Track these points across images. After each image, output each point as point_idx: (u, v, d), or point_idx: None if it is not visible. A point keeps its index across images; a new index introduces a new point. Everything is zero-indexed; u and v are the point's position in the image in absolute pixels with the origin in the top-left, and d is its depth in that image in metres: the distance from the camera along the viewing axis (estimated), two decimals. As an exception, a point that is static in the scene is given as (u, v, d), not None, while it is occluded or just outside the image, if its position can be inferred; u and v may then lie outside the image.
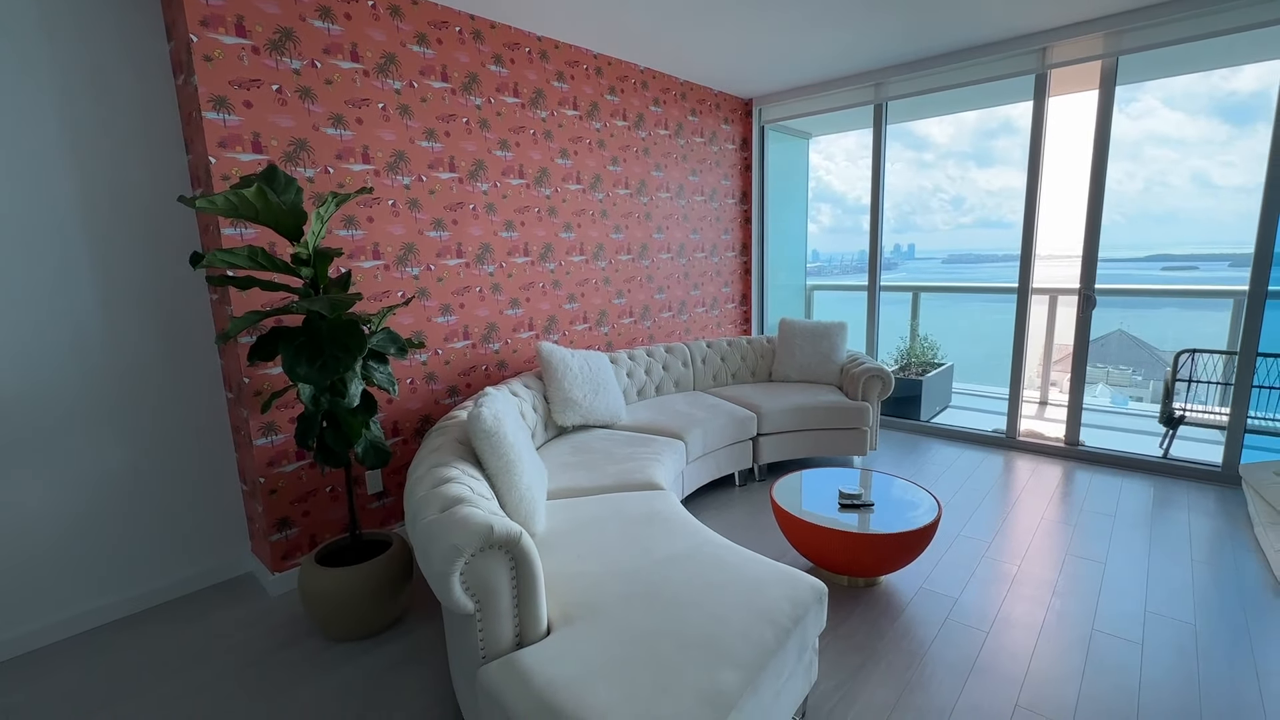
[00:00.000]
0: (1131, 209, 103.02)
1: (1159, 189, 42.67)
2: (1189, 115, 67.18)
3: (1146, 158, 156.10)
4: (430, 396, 2.95)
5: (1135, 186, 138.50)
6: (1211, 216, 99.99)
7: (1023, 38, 3.51)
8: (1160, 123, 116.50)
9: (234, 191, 1.69)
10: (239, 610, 2.36)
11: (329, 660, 2.04)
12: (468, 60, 2.93)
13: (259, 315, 1.90)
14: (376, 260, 2.68)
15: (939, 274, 43.39)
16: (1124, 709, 1.73)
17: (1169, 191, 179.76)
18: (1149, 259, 48.17)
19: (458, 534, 1.35)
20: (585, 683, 1.27)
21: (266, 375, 2.38)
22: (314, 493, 2.56)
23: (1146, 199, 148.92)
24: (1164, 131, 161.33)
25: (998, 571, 2.48)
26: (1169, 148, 42.51)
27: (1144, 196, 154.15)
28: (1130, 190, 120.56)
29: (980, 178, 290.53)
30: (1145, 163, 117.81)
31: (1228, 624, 2.10)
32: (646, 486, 2.38)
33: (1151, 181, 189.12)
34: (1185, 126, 47.02)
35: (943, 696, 1.80)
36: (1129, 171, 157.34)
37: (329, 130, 2.49)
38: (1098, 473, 3.51)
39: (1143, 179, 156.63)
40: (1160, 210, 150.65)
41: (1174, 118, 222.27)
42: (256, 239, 2.30)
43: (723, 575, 1.65)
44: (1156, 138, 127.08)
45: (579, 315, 3.68)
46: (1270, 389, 3.16)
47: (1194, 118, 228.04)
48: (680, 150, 4.24)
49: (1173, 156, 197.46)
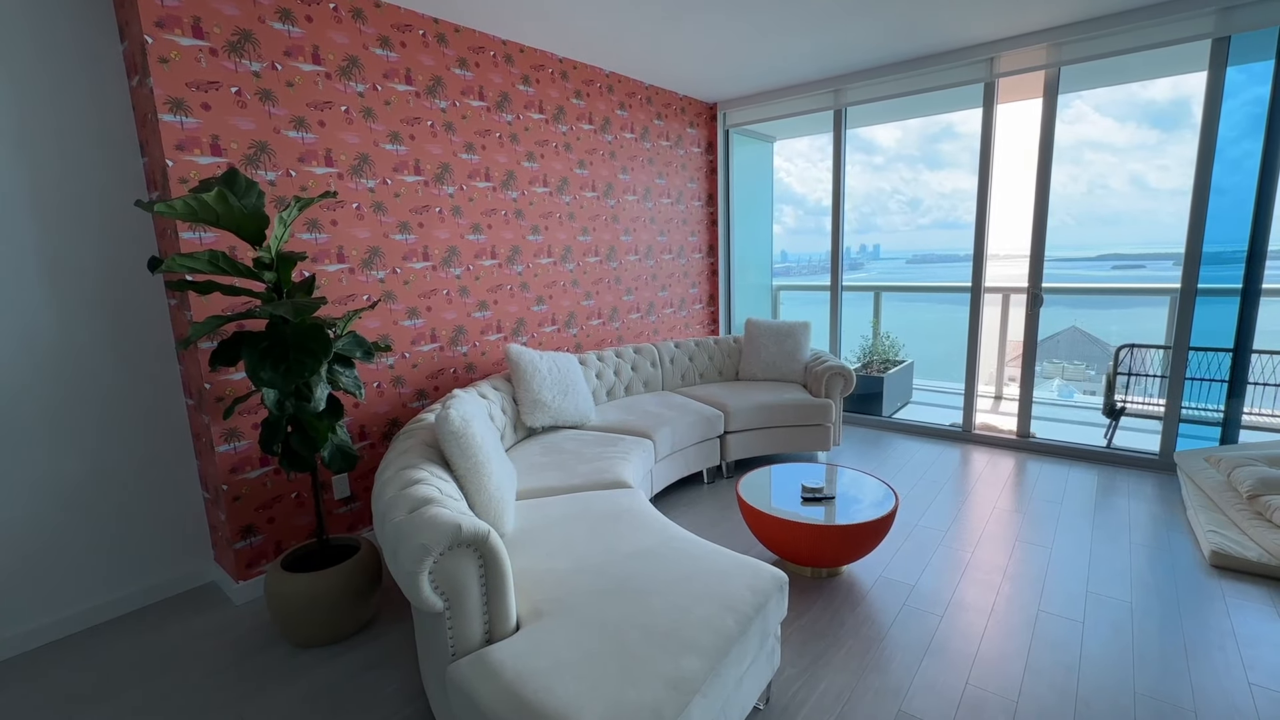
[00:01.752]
0: (1078, 210, 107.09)
1: (1101, 191, 44.56)
2: (1117, 122, 69.80)
3: (1086, 161, 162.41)
4: (398, 400, 2.94)
5: (1079, 189, 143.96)
6: (1153, 218, 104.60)
7: (973, 48, 3.67)
8: (1092, 128, 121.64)
9: (194, 196, 1.68)
10: (203, 619, 2.33)
11: (297, 666, 2.03)
12: (432, 63, 2.94)
13: (220, 320, 1.89)
14: (341, 264, 2.67)
15: (903, 274, 44.48)
16: (1065, 682, 1.84)
17: (1110, 194, 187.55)
18: (1099, 259, 50.19)
19: (426, 533, 1.37)
20: (554, 675, 1.30)
21: (228, 381, 2.35)
22: (279, 499, 2.53)
23: (1091, 201, 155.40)
24: (1096, 137, 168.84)
25: (952, 559, 2.59)
26: (1106, 152, 44.05)
27: (1088, 199, 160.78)
28: (1075, 192, 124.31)
29: (933, 180, 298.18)
30: (1086, 166, 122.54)
31: (1160, 600, 2.25)
32: (615, 485, 2.42)
33: (1094, 184, 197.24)
34: (1114, 132, 48.60)
35: (899, 677, 1.88)
36: (1072, 175, 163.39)
37: (290, 133, 2.47)
38: (1047, 463, 3.69)
39: (1085, 182, 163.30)
40: (1106, 212, 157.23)
41: (1104, 123, 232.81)
42: (216, 243, 2.27)
43: (688, 568, 1.71)
44: (1091, 143, 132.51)
45: (547, 317, 3.70)
46: (1202, 380, 3.37)
47: (1122, 124, 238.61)
48: (647, 153, 4.30)
49: (1111, 160, 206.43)
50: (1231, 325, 3.25)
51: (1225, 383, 3.31)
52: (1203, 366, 3.37)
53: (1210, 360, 3.34)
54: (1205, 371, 3.37)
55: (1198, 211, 3.21)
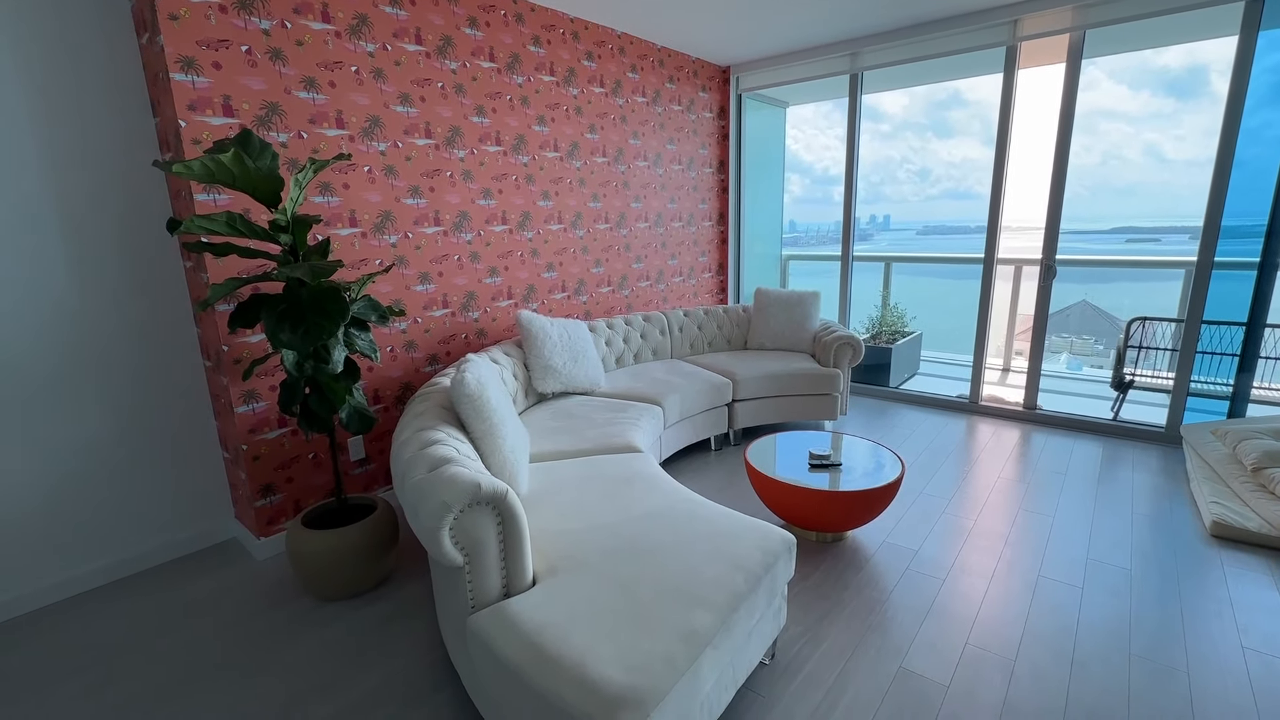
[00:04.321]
0: (1092, 181, 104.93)
1: (1115, 162, 42.92)
2: (1131, 89, 67.07)
3: (1101, 130, 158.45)
4: (411, 364, 2.97)
5: (1093, 160, 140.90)
6: (1168, 190, 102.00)
7: (996, 9, 3.56)
8: (1105, 96, 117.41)
9: (210, 157, 1.68)
10: (227, 573, 2.41)
11: (320, 618, 2.11)
12: (441, 23, 2.88)
13: (239, 282, 1.91)
14: (353, 228, 2.67)
15: (914, 245, 43.90)
16: (1062, 644, 1.90)
17: (1125, 165, 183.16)
18: (1113, 231, 49.31)
19: (447, 491, 1.41)
20: (569, 626, 1.36)
21: (246, 343, 2.38)
22: (297, 459, 2.59)
23: (1105, 171, 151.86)
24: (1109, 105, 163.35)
25: (955, 526, 2.64)
26: (1121, 121, 42.46)
27: (1103, 169, 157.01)
28: (1088, 163, 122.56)
29: (942, 149, 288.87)
30: (1100, 135, 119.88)
31: (1158, 568, 2.29)
32: (625, 449, 2.46)
33: (1108, 155, 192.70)
34: (1128, 100, 46.76)
35: (900, 637, 1.94)
36: (1086, 145, 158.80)
37: (301, 94, 2.45)
38: (1053, 435, 3.71)
39: (1100, 152, 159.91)
40: (1120, 183, 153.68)
41: (1118, 91, 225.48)
42: (230, 205, 2.28)
43: (699, 529, 1.75)
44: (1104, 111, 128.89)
45: (557, 284, 3.70)
46: (1212, 354, 3.36)
47: (1136, 92, 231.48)
48: (658, 118, 4.23)
49: (1126, 130, 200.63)
50: (1246, 299, 3.22)
51: (1236, 356, 3.30)
52: (1214, 340, 3.35)
53: (1222, 334, 3.32)
54: (1216, 346, 3.35)
55: (1219, 182, 3.16)
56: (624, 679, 1.21)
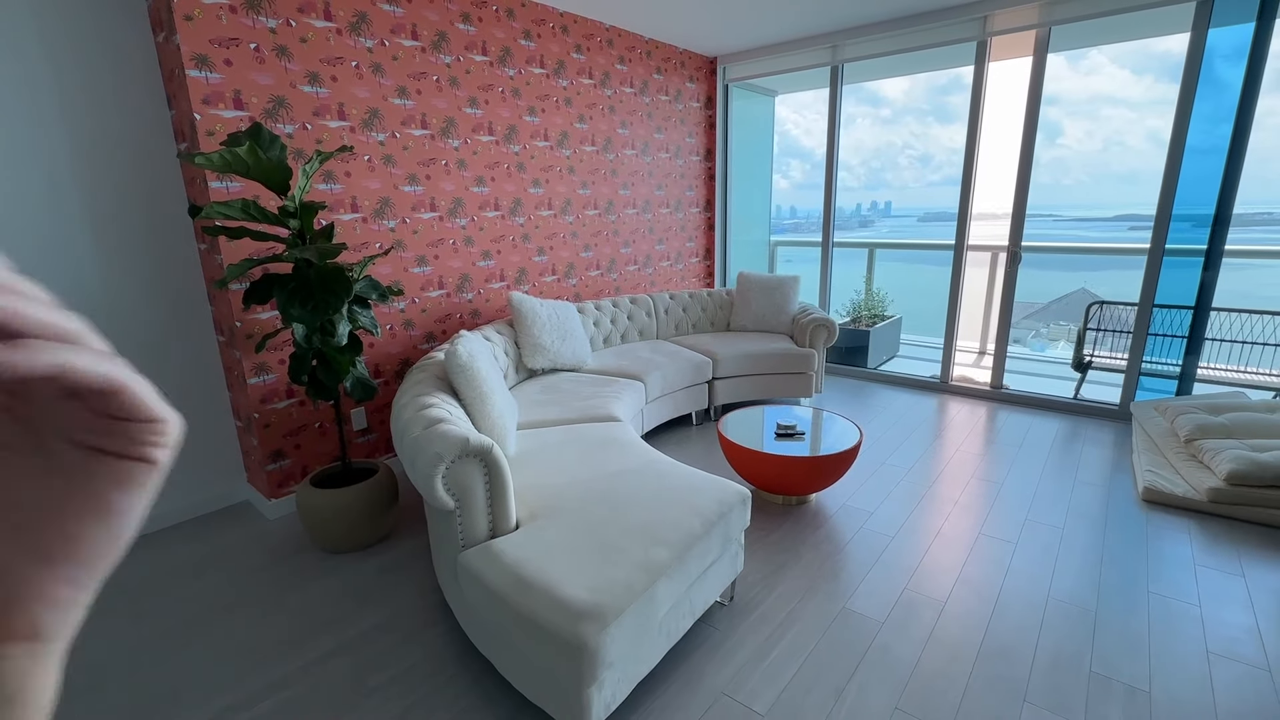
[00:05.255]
0: (1094, 168, 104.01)
1: (1117, 148, 43.24)
2: (1134, 74, 66.48)
3: (1103, 117, 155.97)
4: (409, 342, 3.18)
5: (1095, 146, 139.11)
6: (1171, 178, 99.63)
7: (967, 5, 3.72)
8: (1109, 81, 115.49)
9: (229, 149, 1.87)
10: (241, 530, 2.64)
11: (327, 567, 2.34)
12: (436, 18, 3.05)
13: (252, 262, 2.11)
14: (355, 213, 2.87)
15: (915, 231, 43.84)
16: (989, 588, 2.13)
17: (1127, 151, 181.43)
18: (1116, 219, 49.17)
19: (439, 444, 1.63)
20: (546, 559, 1.58)
21: (256, 320, 2.59)
22: (304, 428, 2.81)
23: (1107, 158, 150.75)
24: (1111, 90, 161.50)
25: (911, 492, 2.86)
26: (1123, 107, 42.34)
27: (1104, 155, 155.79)
28: (1090, 149, 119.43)
29: (943, 135, 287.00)
30: (1102, 122, 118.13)
31: (1089, 527, 2.52)
32: (606, 419, 2.68)
33: (1110, 141, 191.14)
34: (1130, 85, 46.71)
35: (847, 584, 2.18)
36: (1089, 131, 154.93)
37: (305, 88, 2.63)
38: (1016, 412, 3.93)
39: (1101, 139, 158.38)
40: (1123, 169, 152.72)
41: (1121, 75, 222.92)
42: (242, 192, 2.47)
43: (664, 483, 1.97)
44: (1106, 97, 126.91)
45: (548, 267, 3.90)
46: (1163, 336, 3.57)
47: (1139, 76, 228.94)
48: (646, 108, 4.40)
49: (1129, 115, 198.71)
50: (1194, 284, 3.43)
51: (1184, 339, 3.51)
52: (1166, 323, 3.56)
53: (1173, 317, 3.53)
54: (1167, 329, 3.56)
55: (1171, 173, 3.35)
56: (588, 598, 1.44)
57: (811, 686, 1.71)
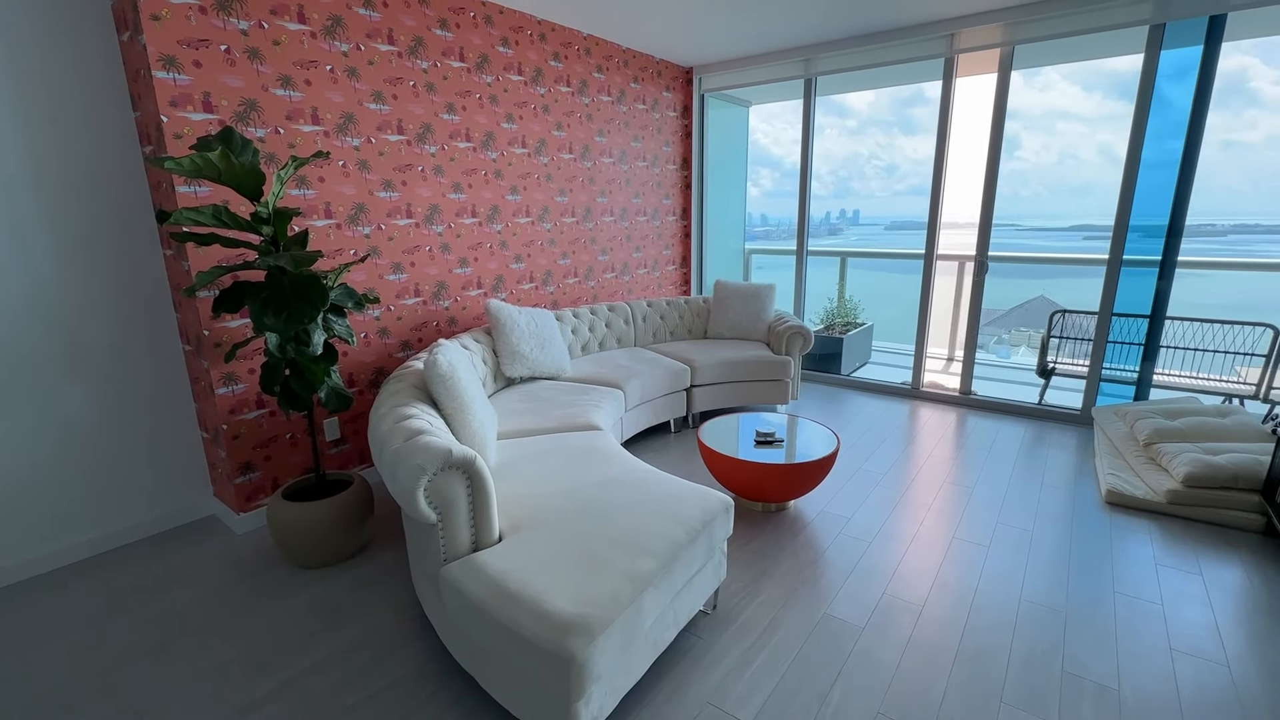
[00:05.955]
0: (1051, 180, 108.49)
1: (1072, 161, 45.67)
2: (1084, 90, 69.57)
3: (1058, 131, 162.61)
4: (384, 350, 3.12)
5: (1051, 159, 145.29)
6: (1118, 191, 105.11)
7: (935, 23, 3.84)
8: (1061, 96, 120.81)
9: (200, 154, 1.82)
10: (209, 545, 2.55)
11: (302, 582, 2.28)
12: (413, 24, 3.02)
13: (223, 270, 2.05)
14: (328, 219, 2.81)
15: (882, 240, 44.91)
16: (964, 591, 2.18)
17: (1082, 165, 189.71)
18: (1072, 229, 51.10)
19: (421, 456, 1.60)
20: (530, 571, 1.57)
21: (226, 328, 2.51)
22: (275, 439, 2.73)
23: (1063, 170, 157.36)
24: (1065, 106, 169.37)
25: (887, 497, 2.92)
26: (1076, 122, 44.63)
27: (1060, 168, 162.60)
28: (1047, 162, 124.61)
29: (907, 145, 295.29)
30: (1057, 135, 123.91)
31: (1056, 529, 2.61)
32: (587, 428, 2.67)
33: (1065, 154, 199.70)
34: (1081, 102, 49.43)
35: (827, 590, 2.20)
36: (1045, 144, 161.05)
37: (278, 91, 2.57)
38: (984, 417, 4.04)
39: (1057, 151, 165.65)
40: (1077, 182, 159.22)
41: (1072, 91, 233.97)
42: (211, 196, 2.40)
43: (647, 493, 1.97)
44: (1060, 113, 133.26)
45: (525, 275, 3.88)
46: (1121, 344, 3.71)
47: (1088, 93, 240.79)
48: (623, 116, 4.42)
49: (1082, 130, 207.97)
50: (1150, 294, 3.58)
51: (1141, 346, 3.66)
52: (1124, 331, 3.71)
53: (1130, 325, 3.68)
54: (1125, 336, 3.71)
55: (1128, 186, 3.50)
56: (575, 610, 1.43)
57: (795, 693, 1.73)
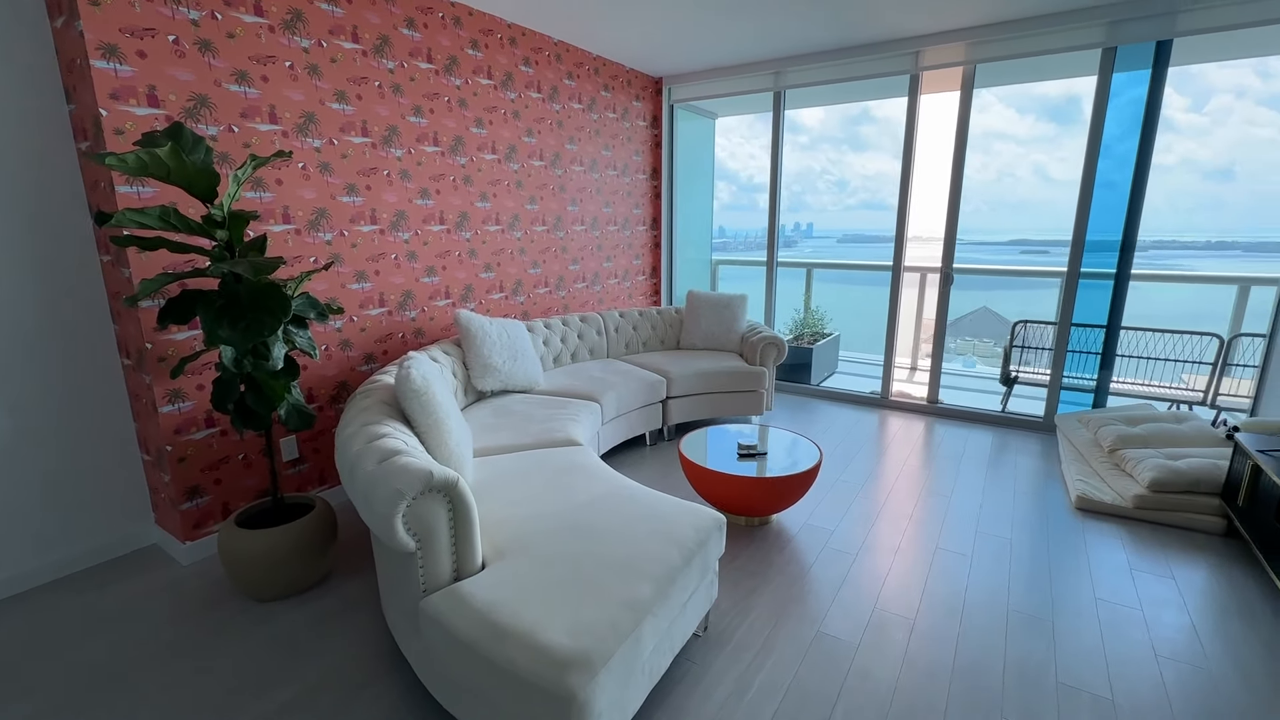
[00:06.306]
0: (990, 197, 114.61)
1: (1009, 180, 48.30)
2: (1018, 113, 73.91)
3: (995, 150, 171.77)
4: (346, 363, 2.94)
5: (990, 176, 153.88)
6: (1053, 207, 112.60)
7: (902, 40, 3.92)
8: (997, 118, 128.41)
9: (146, 150, 1.66)
10: (152, 578, 2.32)
11: (256, 617, 2.09)
12: (379, 21, 2.89)
13: (171, 277, 1.87)
14: (287, 224, 2.63)
15: (834, 252, 46.29)
16: (954, 603, 2.17)
17: (1018, 182, 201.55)
18: (1009, 243, 53.80)
19: (399, 480, 1.47)
20: (520, 601, 1.46)
21: (171, 340, 2.31)
22: (226, 460, 2.52)
23: (1001, 188, 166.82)
24: (1001, 127, 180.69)
25: (867, 508, 2.91)
26: (1012, 142, 47.43)
27: (998, 186, 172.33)
28: (986, 179, 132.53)
29: (856, 162, 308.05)
30: (995, 155, 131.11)
31: (1032, 537, 2.64)
32: (566, 443, 2.57)
33: (1003, 173, 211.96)
34: (1015, 123, 52.79)
35: (818, 606, 2.16)
36: (984, 163, 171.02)
37: (232, 87, 2.40)
38: (951, 425, 4.11)
39: (995, 170, 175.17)
40: (1014, 199, 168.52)
41: (1008, 114, 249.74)
42: (156, 198, 2.21)
43: (636, 511, 1.89)
44: (997, 133, 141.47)
45: (495, 284, 3.75)
46: (1080, 353, 3.84)
47: (1022, 115, 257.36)
48: (593, 124, 4.36)
49: (1017, 150, 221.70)
50: (1106, 305, 3.72)
51: (1099, 355, 3.80)
52: (1082, 341, 3.84)
53: (1089, 335, 3.81)
54: (1084, 345, 3.84)
55: (1083, 206, 3.63)
56: (572, 644, 1.33)
57: (796, 719, 1.66)
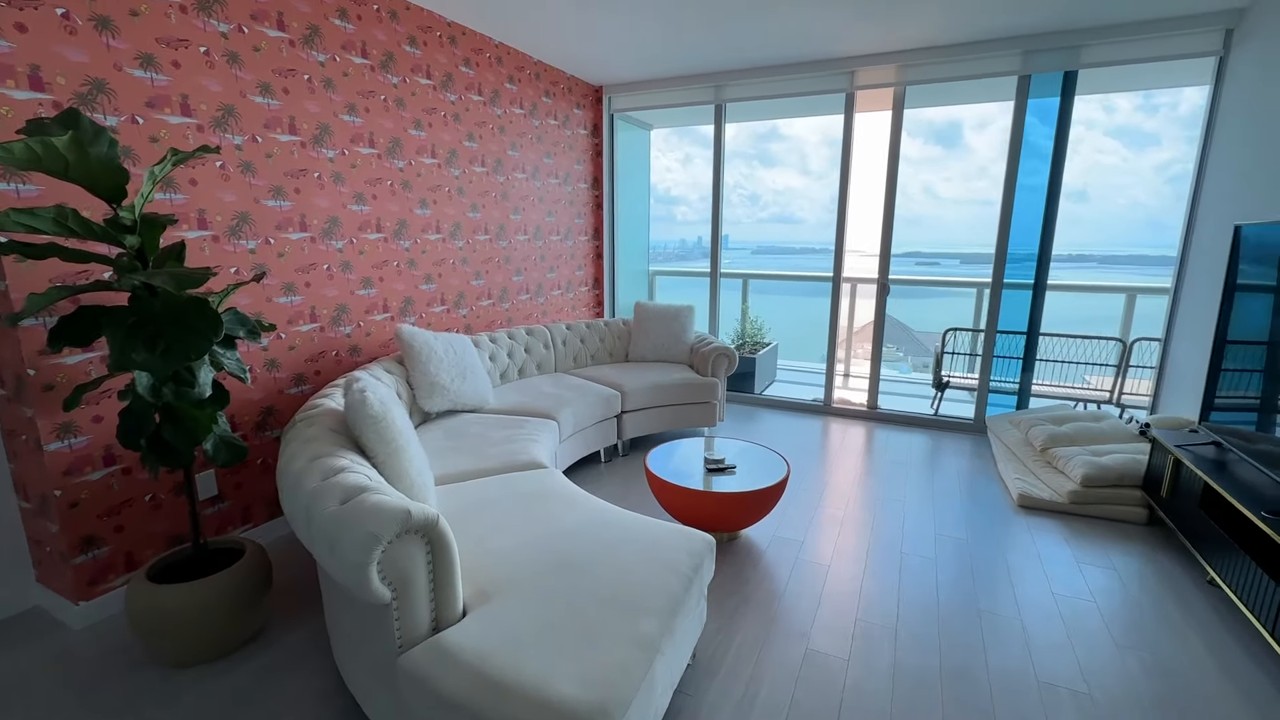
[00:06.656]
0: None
1: (902, 196, 52.96)
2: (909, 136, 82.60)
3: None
4: (273, 386, 2.63)
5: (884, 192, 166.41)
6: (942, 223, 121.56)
7: (838, 60, 4.07)
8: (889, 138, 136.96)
9: (38, 139, 1.38)
10: (36, 648, 1.94)
11: (179, 685, 1.78)
12: (308, 10, 2.63)
13: (68, 290, 1.58)
14: (202, 230, 2.32)
15: (751, 263, 48.02)
16: (928, 606, 2.20)
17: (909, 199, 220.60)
18: (904, 255, 58.06)
19: (373, 521, 1.29)
20: (516, 649, 1.31)
21: (62, 365, 1.96)
22: (129, 503, 2.17)
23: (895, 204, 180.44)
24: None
25: (830, 517, 2.93)
26: (903, 162, 52.20)
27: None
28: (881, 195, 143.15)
29: (767, 177, 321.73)
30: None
31: (985, 536, 2.75)
32: (531, 466, 2.41)
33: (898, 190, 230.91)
34: (906, 144, 58.26)
35: (801, 622, 2.12)
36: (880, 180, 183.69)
37: (136, 72, 2.09)
38: (891, 430, 4.27)
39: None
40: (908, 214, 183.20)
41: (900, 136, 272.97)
42: (42, 198, 1.87)
43: (623, 537, 1.77)
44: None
45: (436, 297, 3.51)
46: (1006, 358, 4.11)
47: (912, 138, 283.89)
48: (535, 131, 4.21)
49: (908, 170, 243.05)
50: (1025, 312, 4.00)
51: (1020, 359, 4.07)
52: (1006, 347, 4.10)
53: (1012, 341, 4.08)
54: (1007, 351, 4.11)
55: (1004, 222, 3.90)
56: (584, 695, 1.20)
57: (802, 745, 1.60)
